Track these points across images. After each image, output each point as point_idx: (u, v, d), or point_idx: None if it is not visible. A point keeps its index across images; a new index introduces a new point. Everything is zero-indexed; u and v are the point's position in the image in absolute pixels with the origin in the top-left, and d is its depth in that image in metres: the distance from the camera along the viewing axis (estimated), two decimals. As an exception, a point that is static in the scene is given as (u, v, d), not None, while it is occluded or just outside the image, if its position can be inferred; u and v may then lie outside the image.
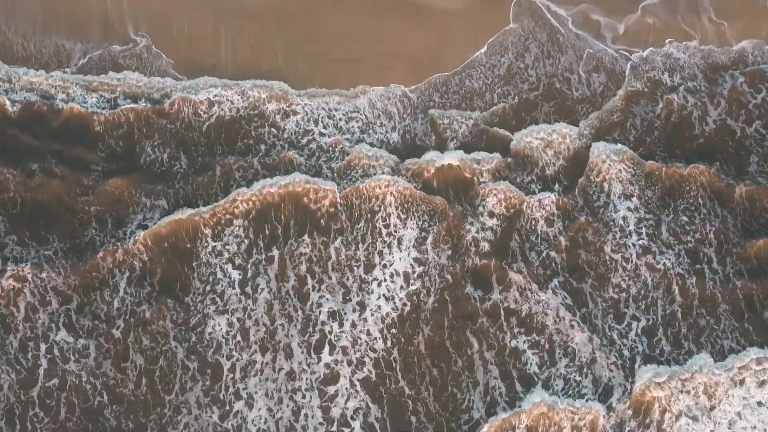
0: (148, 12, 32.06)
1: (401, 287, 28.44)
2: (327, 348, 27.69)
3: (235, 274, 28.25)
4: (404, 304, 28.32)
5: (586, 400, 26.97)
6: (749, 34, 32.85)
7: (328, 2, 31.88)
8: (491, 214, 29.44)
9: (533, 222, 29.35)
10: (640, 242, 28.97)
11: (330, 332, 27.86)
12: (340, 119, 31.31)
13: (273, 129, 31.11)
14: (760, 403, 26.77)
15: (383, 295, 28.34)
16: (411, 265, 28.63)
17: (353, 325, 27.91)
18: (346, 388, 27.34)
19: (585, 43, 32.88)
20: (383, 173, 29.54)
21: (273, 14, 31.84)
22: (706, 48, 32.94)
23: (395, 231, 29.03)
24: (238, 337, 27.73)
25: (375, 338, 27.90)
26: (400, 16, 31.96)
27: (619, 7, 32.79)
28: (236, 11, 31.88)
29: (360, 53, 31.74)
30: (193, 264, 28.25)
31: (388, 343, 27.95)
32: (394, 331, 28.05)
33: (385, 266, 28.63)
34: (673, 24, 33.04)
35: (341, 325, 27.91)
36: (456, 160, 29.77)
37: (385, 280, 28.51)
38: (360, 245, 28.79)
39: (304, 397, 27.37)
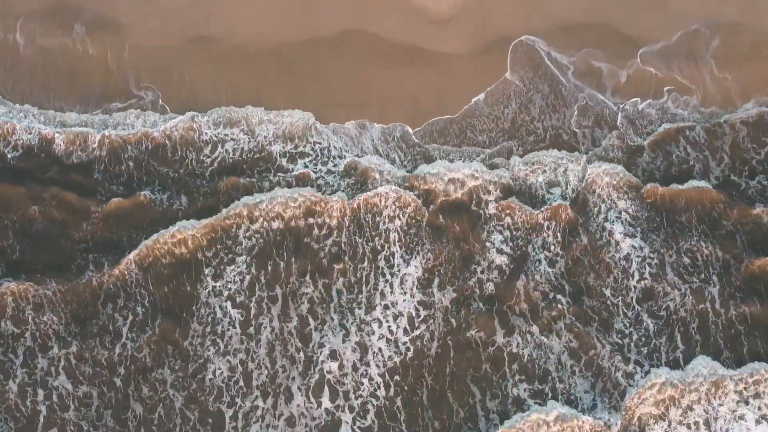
0: (148, 64, 31.80)
1: (405, 331, 28.26)
2: (328, 393, 27.46)
3: (236, 314, 28.06)
4: (407, 349, 28.14)
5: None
6: (755, 88, 32.04)
7: (329, 47, 31.80)
8: (499, 251, 29.25)
9: (537, 263, 29.21)
10: (642, 284, 28.88)
11: (329, 372, 27.66)
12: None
13: (280, 173, 30.96)
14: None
15: (386, 337, 28.17)
16: (415, 307, 28.46)
17: (355, 368, 27.72)
18: (349, 435, 27.19)
19: (586, 95, 32.51)
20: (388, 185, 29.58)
21: (273, 59, 31.75)
22: (708, 111, 32.24)
23: (398, 270, 28.89)
24: (241, 382, 27.54)
25: (377, 384, 27.69)
26: (402, 60, 31.83)
27: (621, 51, 32.32)
28: (237, 57, 31.73)
29: (361, 97, 31.62)
30: (193, 307, 28.08)
31: (391, 391, 27.73)
32: (397, 378, 27.85)
33: (387, 307, 28.48)
34: (673, 74, 32.54)
35: (341, 368, 27.71)
36: (463, 186, 29.61)
37: (388, 322, 28.35)
38: (363, 285, 28.65)
39: (304, 445, 27.19)
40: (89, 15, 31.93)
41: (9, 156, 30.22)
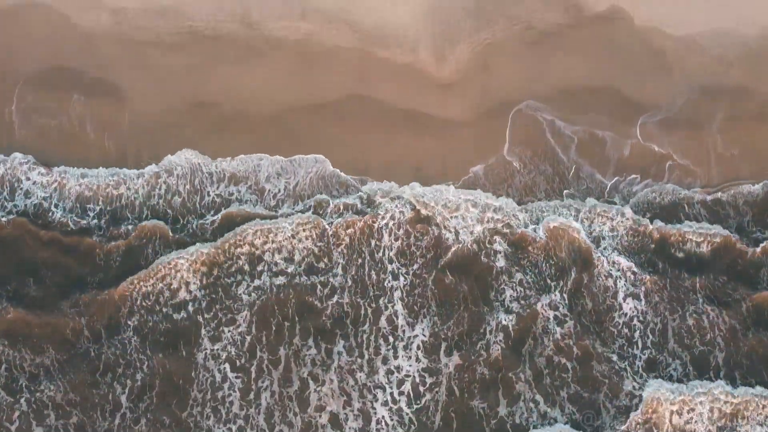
0: (148, 134, 31.16)
1: (407, 401, 27.86)
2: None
3: (235, 378, 27.65)
4: (411, 422, 27.72)
5: None
6: (765, 165, 31.13)
7: (331, 112, 31.41)
8: (508, 310, 28.86)
9: (546, 320, 28.78)
10: (645, 354, 28.56)
11: (333, 440, 27.39)
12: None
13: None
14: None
15: (389, 405, 27.76)
16: (420, 373, 28.05)
17: (357, 440, 27.43)
18: None
19: (586, 176, 31.45)
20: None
21: (275, 125, 31.35)
22: (711, 197, 31.15)
23: (403, 334, 28.53)
24: (240, 452, 27.26)
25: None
26: (404, 125, 31.34)
27: (625, 116, 31.46)
28: (238, 123, 31.27)
29: (363, 162, 31.16)
30: (192, 374, 27.66)
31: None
32: (402, 457, 27.56)
33: (390, 372, 28.10)
34: (675, 156, 31.43)
35: (344, 439, 27.42)
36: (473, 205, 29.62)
37: (392, 390, 27.93)
38: (364, 350, 28.31)
39: None
40: (88, 79, 31.33)
41: (3, 220, 29.78)
